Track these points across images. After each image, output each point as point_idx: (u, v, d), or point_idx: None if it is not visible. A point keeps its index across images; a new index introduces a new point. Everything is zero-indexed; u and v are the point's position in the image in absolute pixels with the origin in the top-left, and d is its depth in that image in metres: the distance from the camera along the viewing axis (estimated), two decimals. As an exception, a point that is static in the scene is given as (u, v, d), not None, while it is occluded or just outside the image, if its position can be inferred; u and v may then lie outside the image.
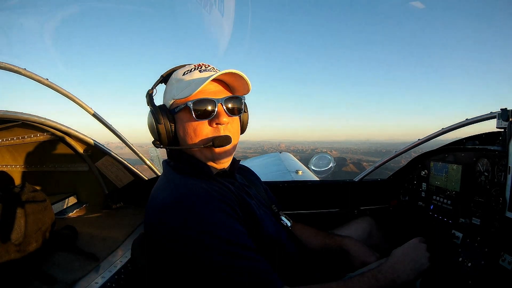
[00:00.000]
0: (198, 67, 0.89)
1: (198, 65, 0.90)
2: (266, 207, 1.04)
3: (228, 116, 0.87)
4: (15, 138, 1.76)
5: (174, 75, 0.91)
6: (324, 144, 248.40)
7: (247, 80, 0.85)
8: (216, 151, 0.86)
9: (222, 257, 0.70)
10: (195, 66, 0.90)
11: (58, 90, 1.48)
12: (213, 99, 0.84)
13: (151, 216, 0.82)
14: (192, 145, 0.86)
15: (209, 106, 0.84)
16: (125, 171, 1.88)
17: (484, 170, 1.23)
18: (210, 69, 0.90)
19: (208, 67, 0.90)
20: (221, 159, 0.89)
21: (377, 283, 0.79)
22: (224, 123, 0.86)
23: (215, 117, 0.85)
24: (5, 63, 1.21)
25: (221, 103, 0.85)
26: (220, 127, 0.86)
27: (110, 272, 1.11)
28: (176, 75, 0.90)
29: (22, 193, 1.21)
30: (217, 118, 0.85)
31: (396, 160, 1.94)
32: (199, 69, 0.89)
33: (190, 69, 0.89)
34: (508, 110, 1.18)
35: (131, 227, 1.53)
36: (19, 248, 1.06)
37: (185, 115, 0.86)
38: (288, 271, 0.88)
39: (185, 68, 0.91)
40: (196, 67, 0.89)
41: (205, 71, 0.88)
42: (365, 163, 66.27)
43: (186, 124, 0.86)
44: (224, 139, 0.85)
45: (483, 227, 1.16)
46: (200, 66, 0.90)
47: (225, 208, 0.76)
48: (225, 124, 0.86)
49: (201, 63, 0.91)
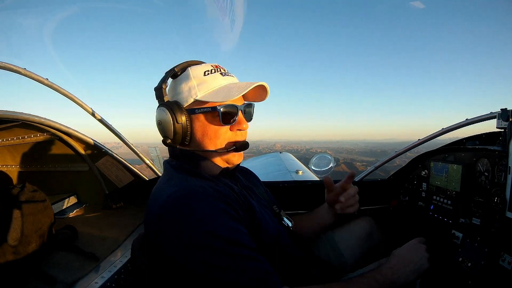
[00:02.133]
0: (217, 69, 0.89)
1: (216, 66, 0.90)
2: (267, 207, 1.04)
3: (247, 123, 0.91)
4: (15, 138, 1.76)
5: (192, 73, 0.88)
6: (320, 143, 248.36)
7: (268, 92, 0.90)
8: (237, 155, 0.91)
9: (223, 257, 0.70)
10: (213, 67, 0.89)
11: (58, 90, 1.48)
12: (237, 105, 0.87)
13: (151, 216, 0.81)
14: (212, 147, 0.88)
15: (233, 112, 0.87)
16: (125, 171, 1.88)
17: (484, 170, 1.23)
18: (229, 73, 0.91)
19: (225, 71, 0.91)
20: (236, 162, 0.93)
21: (377, 284, 0.79)
22: (245, 129, 0.90)
23: (238, 123, 0.88)
24: (5, 63, 1.21)
25: (242, 110, 0.89)
26: (240, 133, 0.90)
27: (110, 272, 1.11)
28: (195, 73, 0.87)
29: (22, 193, 1.21)
30: (239, 124, 0.88)
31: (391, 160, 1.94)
32: (219, 71, 0.89)
33: (210, 70, 0.88)
34: (508, 110, 1.18)
35: (131, 227, 1.53)
36: (15, 249, 1.06)
37: (208, 117, 0.86)
38: (289, 272, 0.88)
39: (203, 67, 0.89)
40: (215, 69, 0.89)
41: (226, 75, 0.89)
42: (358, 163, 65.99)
43: (207, 126, 0.86)
44: (245, 144, 0.91)
45: (483, 227, 1.16)
46: (218, 68, 0.89)
47: (226, 208, 0.76)
48: (245, 130, 0.91)
49: (217, 65, 0.90)
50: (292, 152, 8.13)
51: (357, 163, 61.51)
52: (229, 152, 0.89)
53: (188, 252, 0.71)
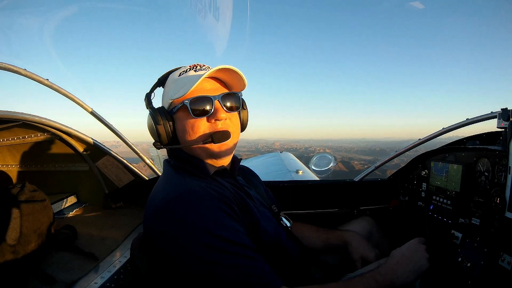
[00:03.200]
0: (193, 67, 0.91)
1: (194, 65, 0.92)
2: (266, 207, 1.04)
3: (226, 112, 0.87)
4: (16, 138, 1.76)
5: (170, 77, 0.93)
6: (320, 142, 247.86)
7: (242, 75, 0.86)
8: (216, 147, 0.87)
9: (221, 256, 0.70)
10: (190, 66, 0.92)
11: (58, 90, 1.48)
12: (209, 96, 0.85)
13: (150, 216, 0.82)
14: (191, 142, 0.87)
15: (206, 103, 0.85)
16: (126, 171, 1.88)
17: (484, 170, 1.23)
18: (205, 68, 0.91)
19: (203, 66, 0.92)
20: (222, 156, 0.89)
21: (377, 285, 0.79)
22: (222, 118, 0.86)
23: (213, 113, 0.85)
24: (5, 63, 1.21)
25: (218, 100, 0.86)
26: (218, 123, 0.86)
27: (109, 272, 1.11)
28: (173, 76, 0.92)
29: (22, 192, 1.21)
30: (214, 115, 0.85)
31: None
32: (194, 69, 0.90)
33: (186, 69, 0.91)
34: (509, 110, 1.18)
35: (130, 227, 1.53)
36: (14, 248, 1.06)
37: (183, 114, 0.87)
38: (287, 271, 0.88)
39: (180, 69, 0.92)
40: (191, 68, 0.91)
41: (200, 70, 0.89)
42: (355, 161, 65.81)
43: (184, 123, 0.87)
44: (223, 134, 0.86)
45: (482, 227, 1.15)
46: (195, 66, 0.91)
47: (224, 207, 0.76)
48: (223, 119, 0.86)
49: (196, 64, 0.92)
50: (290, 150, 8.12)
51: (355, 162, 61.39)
52: (211, 146, 0.86)
53: (186, 252, 0.72)
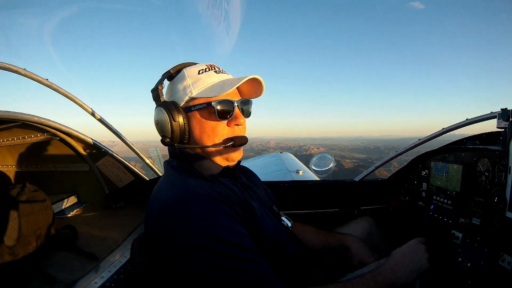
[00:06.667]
0: (211, 67, 0.91)
1: (211, 65, 0.91)
2: (267, 207, 1.04)
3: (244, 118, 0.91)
4: (16, 138, 1.76)
5: (186, 73, 0.89)
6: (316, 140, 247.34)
7: (263, 87, 0.90)
8: (232, 150, 0.90)
9: (223, 259, 0.70)
10: (208, 66, 0.91)
11: (58, 90, 1.48)
12: (233, 100, 0.87)
13: (152, 217, 0.81)
14: (209, 143, 0.87)
15: (230, 107, 0.87)
16: (126, 171, 1.88)
17: (484, 170, 1.23)
18: (224, 71, 0.92)
19: (219, 69, 0.92)
20: (235, 158, 0.93)
21: (376, 285, 0.79)
22: (242, 124, 0.90)
23: (234, 118, 0.88)
24: (5, 63, 1.21)
25: (238, 105, 0.89)
26: (238, 128, 0.90)
27: (110, 272, 1.11)
28: (190, 72, 0.89)
29: (22, 193, 1.21)
30: (236, 119, 0.88)
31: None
32: (214, 70, 0.90)
33: (204, 68, 0.90)
34: (508, 110, 1.18)
35: (130, 227, 1.53)
36: (14, 249, 1.06)
37: (204, 113, 0.87)
38: (288, 272, 0.88)
39: (197, 67, 0.90)
40: (210, 68, 0.90)
41: (220, 73, 0.90)
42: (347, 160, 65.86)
43: (204, 123, 0.87)
44: (243, 139, 0.90)
45: (483, 227, 1.16)
46: (213, 67, 0.91)
47: (227, 210, 0.76)
48: (242, 125, 0.91)
49: (211, 64, 0.92)
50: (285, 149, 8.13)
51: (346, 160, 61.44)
52: (228, 148, 0.89)
53: (188, 254, 0.71)
